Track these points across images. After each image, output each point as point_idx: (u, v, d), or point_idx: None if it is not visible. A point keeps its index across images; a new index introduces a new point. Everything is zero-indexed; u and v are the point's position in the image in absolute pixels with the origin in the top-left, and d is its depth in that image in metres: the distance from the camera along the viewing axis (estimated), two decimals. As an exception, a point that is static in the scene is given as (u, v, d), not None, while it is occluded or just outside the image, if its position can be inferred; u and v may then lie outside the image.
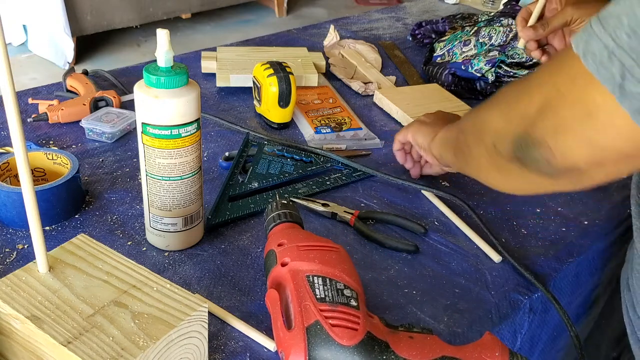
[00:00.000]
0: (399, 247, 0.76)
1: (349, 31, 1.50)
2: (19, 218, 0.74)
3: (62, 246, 0.58)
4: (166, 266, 0.71)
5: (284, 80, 0.98)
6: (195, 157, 0.69)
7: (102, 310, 0.52)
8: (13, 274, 0.55)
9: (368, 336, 0.54)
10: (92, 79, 1.11)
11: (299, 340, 0.53)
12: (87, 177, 0.86)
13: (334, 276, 0.58)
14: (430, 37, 1.42)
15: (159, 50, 0.63)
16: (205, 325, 0.54)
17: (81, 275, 0.55)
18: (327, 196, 0.86)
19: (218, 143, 0.97)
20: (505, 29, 1.20)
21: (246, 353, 0.60)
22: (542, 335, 0.79)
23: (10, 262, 0.70)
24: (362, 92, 1.17)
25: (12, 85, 0.46)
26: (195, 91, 0.65)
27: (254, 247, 0.75)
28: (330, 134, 1.00)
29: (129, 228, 0.77)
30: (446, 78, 1.18)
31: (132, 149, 0.94)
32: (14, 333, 0.53)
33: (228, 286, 0.69)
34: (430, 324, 0.66)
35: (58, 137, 0.95)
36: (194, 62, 1.22)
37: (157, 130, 0.65)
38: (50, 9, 3.11)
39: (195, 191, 0.71)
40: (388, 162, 0.96)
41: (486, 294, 0.71)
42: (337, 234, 0.78)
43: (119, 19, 3.44)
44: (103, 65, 2.79)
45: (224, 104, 1.10)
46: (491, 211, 0.85)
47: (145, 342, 0.49)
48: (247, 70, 1.12)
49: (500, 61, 1.15)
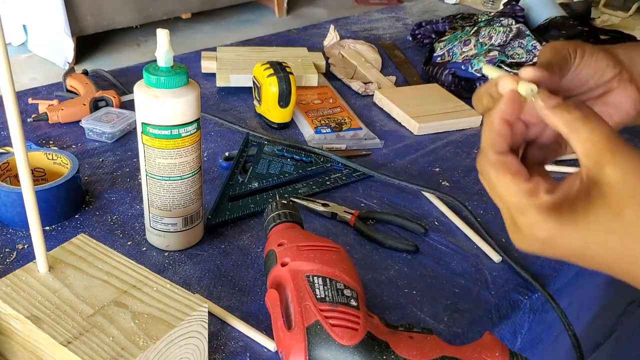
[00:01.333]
0: (399, 247, 0.76)
1: (349, 31, 1.50)
2: (19, 218, 0.74)
3: (62, 246, 0.58)
4: (166, 266, 0.71)
5: (284, 80, 0.98)
6: (195, 157, 0.69)
7: (102, 310, 0.52)
8: (13, 274, 0.55)
9: (368, 336, 0.54)
10: (92, 79, 1.11)
11: (299, 340, 0.53)
12: (87, 177, 0.86)
13: (334, 276, 0.58)
14: (430, 37, 1.42)
15: (159, 50, 0.63)
16: (205, 325, 0.54)
17: (81, 275, 0.55)
18: (327, 196, 0.86)
19: (218, 143, 0.97)
20: (505, 29, 1.20)
21: (246, 353, 0.60)
22: (542, 335, 0.79)
23: (10, 262, 0.70)
24: (362, 92, 1.17)
25: (12, 85, 0.46)
26: (195, 91, 0.65)
27: (254, 247, 0.75)
28: (330, 134, 1.00)
29: (129, 228, 0.77)
30: (446, 78, 1.18)
31: (132, 149, 0.94)
32: (14, 333, 0.53)
33: (228, 286, 0.69)
34: (430, 324, 0.66)
35: (58, 137, 0.95)
36: (194, 62, 1.22)
37: (157, 130, 0.65)
38: (50, 9, 3.11)
39: (195, 191, 0.71)
40: (388, 162, 0.96)
41: (486, 294, 0.71)
42: (337, 234, 0.78)
43: (119, 19, 3.44)
44: (103, 65, 2.78)
45: (224, 104, 1.10)
46: (491, 211, 0.85)
47: (145, 342, 0.49)
48: (247, 70, 1.12)
49: (500, 61, 1.15)
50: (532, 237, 0.43)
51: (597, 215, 0.40)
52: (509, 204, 0.44)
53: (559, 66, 0.51)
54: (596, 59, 0.53)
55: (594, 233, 0.40)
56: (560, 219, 0.41)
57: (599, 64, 0.53)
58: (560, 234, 0.41)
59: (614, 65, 0.54)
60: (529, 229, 0.43)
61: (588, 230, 0.41)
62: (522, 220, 0.43)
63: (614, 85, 0.54)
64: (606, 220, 0.40)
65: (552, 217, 0.41)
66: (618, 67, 0.54)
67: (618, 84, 0.54)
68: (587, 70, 0.53)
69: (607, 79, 0.54)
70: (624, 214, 0.40)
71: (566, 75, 0.52)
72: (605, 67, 0.53)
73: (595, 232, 0.40)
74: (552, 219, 0.41)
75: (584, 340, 0.71)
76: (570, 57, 0.52)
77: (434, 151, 0.99)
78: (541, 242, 0.43)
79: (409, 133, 1.05)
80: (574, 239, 0.41)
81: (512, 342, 0.72)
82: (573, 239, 0.41)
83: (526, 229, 0.43)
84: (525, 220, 0.43)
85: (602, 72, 0.53)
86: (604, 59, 0.53)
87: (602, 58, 0.53)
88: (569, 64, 0.52)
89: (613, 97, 0.55)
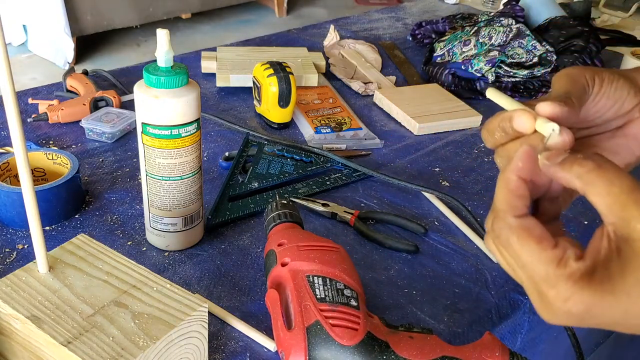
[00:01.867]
0: (399, 247, 0.76)
1: (349, 31, 1.50)
2: (19, 218, 0.74)
3: (62, 246, 0.58)
4: (166, 266, 0.71)
5: (284, 80, 0.98)
6: (195, 157, 0.69)
7: (102, 310, 0.52)
8: (13, 274, 0.55)
9: (368, 336, 0.54)
10: (92, 79, 1.11)
11: (299, 340, 0.53)
12: (87, 177, 0.86)
13: (334, 276, 0.58)
14: (430, 37, 1.42)
15: (159, 50, 0.63)
16: (205, 325, 0.54)
17: (81, 275, 0.55)
18: (327, 196, 0.86)
19: (218, 143, 0.97)
20: (505, 29, 1.20)
21: (246, 353, 0.60)
22: (542, 335, 0.79)
23: (10, 262, 0.70)
24: (362, 92, 1.17)
25: (12, 85, 0.46)
26: (195, 91, 0.65)
27: (254, 247, 0.75)
28: (330, 134, 1.00)
29: (129, 228, 0.77)
30: (446, 78, 1.18)
31: (132, 149, 0.94)
32: (14, 333, 0.53)
33: (228, 286, 0.69)
34: (430, 324, 0.66)
35: (58, 137, 0.95)
36: (194, 62, 1.22)
37: (157, 130, 0.65)
38: (50, 9, 3.11)
39: (195, 191, 0.71)
40: (388, 162, 0.96)
41: (486, 294, 0.71)
42: (337, 234, 0.78)
43: (119, 19, 3.44)
44: (103, 65, 2.79)
45: (224, 104, 1.10)
46: (491, 211, 0.85)
47: (145, 342, 0.49)
48: (247, 70, 1.12)
49: (500, 61, 1.15)
50: (567, 313, 0.37)
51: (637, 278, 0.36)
52: (535, 276, 0.39)
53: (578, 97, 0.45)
54: (615, 88, 0.48)
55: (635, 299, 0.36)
56: (596, 288, 0.36)
57: (619, 93, 0.48)
58: (600, 304, 0.36)
59: (635, 94, 0.49)
60: (562, 303, 0.37)
61: (629, 296, 0.36)
62: (552, 294, 0.37)
63: (634, 116, 0.49)
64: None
65: (588, 288, 0.36)
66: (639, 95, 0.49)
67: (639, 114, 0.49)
68: (605, 101, 0.48)
69: (628, 109, 0.49)
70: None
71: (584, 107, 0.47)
72: (625, 97, 0.48)
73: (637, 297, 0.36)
74: (587, 290, 0.36)
75: (583, 340, 0.71)
76: (588, 87, 0.47)
77: (434, 151, 0.99)
78: (578, 316, 0.37)
79: (409, 133, 1.05)
80: (614, 308, 0.36)
81: (512, 342, 0.72)
82: (613, 309, 0.36)
83: (558, 303, 0.37)
84: (556, 294, 0.37)
85: (623, 102, 0.48)
86: (624, 87, 0.48)
87: (621, 86, 0.48)
88: (587, 94, 0.47)
89: (634, 128, 0.50)
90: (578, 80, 0.46)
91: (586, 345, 0.92)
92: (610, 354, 1.10)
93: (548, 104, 0.43)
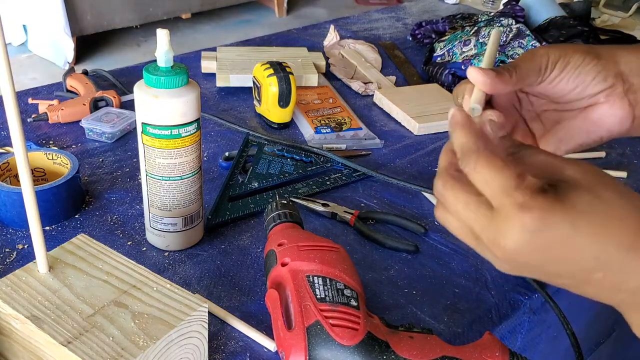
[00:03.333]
0: (399, 247, 0.76)
1: (349, 31, 1.50)
2: (19, 218, 0.74)
3: (62, 246, 0.58)
4: (166, 266, 0.71)
5: (284, 80, 0.98)
6: (195, 157, 0.69)
7: (102, 310, 0.52)
8: (13, 274, 0.55)
9: (368, 336, 0.54)
10: (92, 79, 1.11)
11: (299, 340, 0.54)
12: (87, 177, 0.86)
13: (334, 276, 0.58)
14: (430, 37, 1.42)
15: (159, 50, 0.63)
16: (205, 325, 0.54)
17: (81, 275, 0.55)
18: (327, 196, 0.86)
19: (218, 143, 0.97)
20: (505, 29, 1.20)
21: (246, 353, 0.60)
22: (542, 335, 0.79)
23: (10, 262, 0.70)
24: (362, 92, 1.17)
25: (12, 85, 0.46)
26: (195, 91, 0.65)
27: (254, 247, 0.75)
28: (330, 134, 1.00)
29: (129, 228, 0.77)
30: (446, 78, 1.18)
31: (132, 149, 0.94)
32: (14, 333, 0.53)
33: (228, 286, 0.69)
34: (430, 324, 0.66)
35: (58, 137, 0.95)
36: (194, 62, 1.22)
37: (157, 130, 0.65)
38: (50, 9, 3.11)
39: (195, 191, 0.71)
40: (388, 162, 0.96)
41: (486, 294, 0.71)
42: (337, 234, 0.78)
43: (119, 19, 3.44)
44: (103, 65, 2.78)
45: (224, 104, 1.10)
46: (491, 211, 0.85)
47: (145, 342, 0.49)
48: (247, 70, 1.12)
49: (500, 61, 1.15)
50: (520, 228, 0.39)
51: (579, 196, 0.39)
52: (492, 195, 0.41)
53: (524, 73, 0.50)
54: (579, 72, 0.51)
55: (580, 214, 0.39)
56: (547, 196, 0.39)
57: (582, 77, 0.51)
58: (551, 212, 0.39)
59: (604, 79, 0.51)
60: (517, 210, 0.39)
61: (574, 207, 0.39)
62: (508, 202, 0.40)
63: (599, 100, 0.52)
64: (588, 200, 0.39)
65: (542, 196, 0.39)
66: (610, 80, 0.51)
67: (606, 99, 0.52)
68: (564, 84, 0.51)
69: (592, 93, 0.52)
70: (602, 195, 0.39)
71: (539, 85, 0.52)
72: (589, 82, 0.51)
73: (581, 212, 0.39)
74: (541, 197, 0.39)
75: (583, 340, 0.71)
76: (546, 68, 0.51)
77: (434, 151, 0.99)
78: (529, 231, 0.39)
79: (409, 133, 1.05)
80: (565, 219, 0.39)
81: (512, 342, 0.72)
82: (564, 220, 0.39)
83: (513, 211, 0.39)
84: (512, 201, 0.39)
85: (586, 86, 0.51)
86: (591, 73, 0.51)
87: (588, 71, 0.51)
88: (540, 74, 0.51)
89: (596, 112, 0.53)
90: (537, 60, 0.51)
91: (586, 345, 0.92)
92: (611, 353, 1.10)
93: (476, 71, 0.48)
